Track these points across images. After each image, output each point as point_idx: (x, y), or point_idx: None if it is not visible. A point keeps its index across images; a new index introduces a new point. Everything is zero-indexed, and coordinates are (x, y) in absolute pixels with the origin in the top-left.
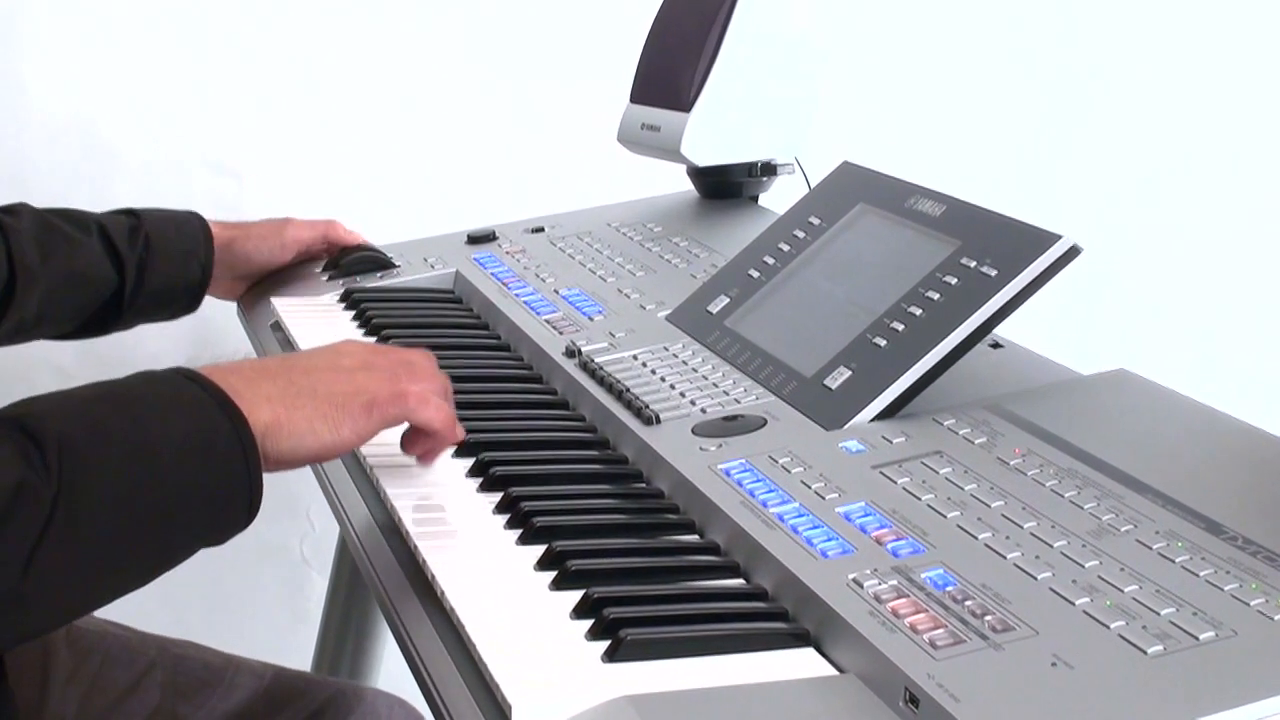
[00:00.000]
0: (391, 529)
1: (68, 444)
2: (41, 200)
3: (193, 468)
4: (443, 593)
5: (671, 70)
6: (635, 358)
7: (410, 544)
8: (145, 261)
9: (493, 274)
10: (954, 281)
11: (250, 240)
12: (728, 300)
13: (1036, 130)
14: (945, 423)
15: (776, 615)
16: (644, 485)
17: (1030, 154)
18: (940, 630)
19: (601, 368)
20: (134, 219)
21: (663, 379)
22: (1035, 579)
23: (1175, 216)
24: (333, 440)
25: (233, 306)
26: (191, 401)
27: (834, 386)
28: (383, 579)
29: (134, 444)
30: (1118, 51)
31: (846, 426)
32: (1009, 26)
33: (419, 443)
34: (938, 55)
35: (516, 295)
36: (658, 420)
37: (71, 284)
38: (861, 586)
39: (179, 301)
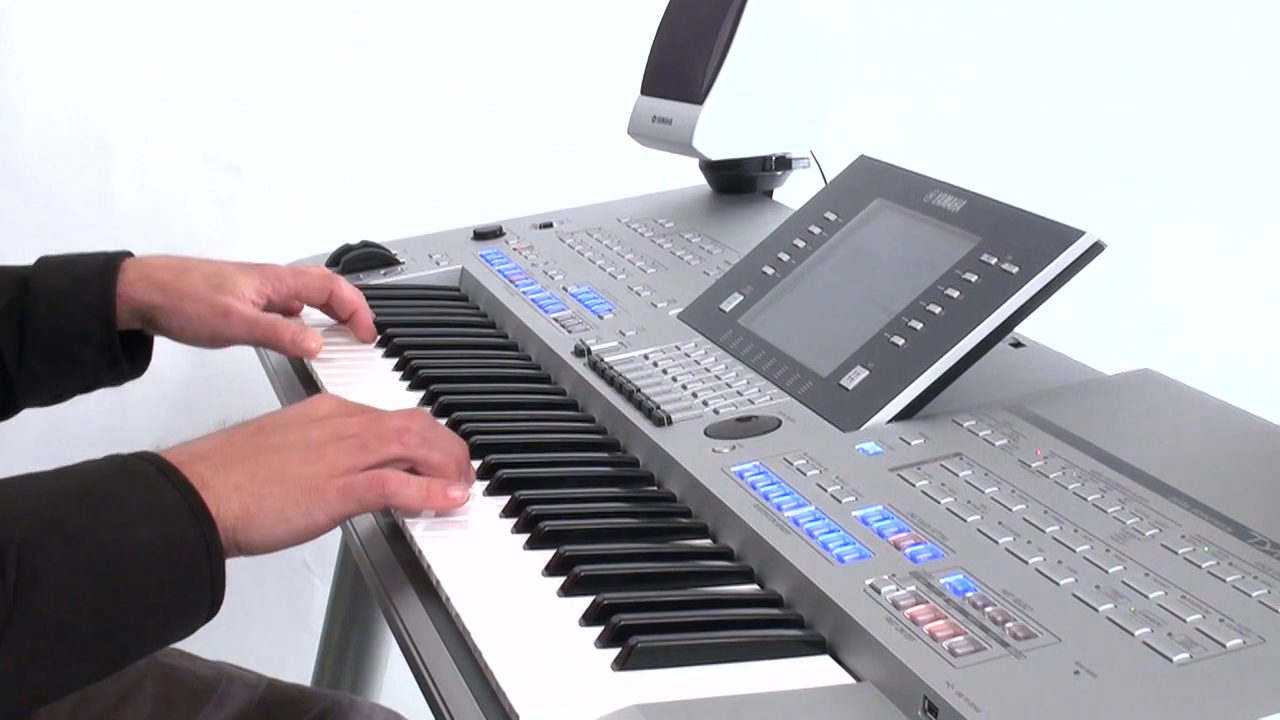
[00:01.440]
0: (395, 533)
1: (27, 551)
2: (38, 197)
3: (156, 572)
4: (448, 599)
5: (683, 61)
6: (646, 357)
7: (415, 549)
8: (27, 315)
9: (499, 271)
10: (974, 279)
11: (175, 318)
12: (741, 298)
13: (1059, 122)
14: (965, 424)
15: (791, 622)
16: (655, 488)
17: (1053, 147)
18: (960, 637)
19: (611, 367)
20: (27, 267)
21: (674, 379)
22: (1057, 585)
23: (1202, 211)
24: (306, 525)
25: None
26: (160, 502)
27: (851, 387)
28: (386, 584)
29: (98, 548)
30: (1143, 42)
31: (863, 428)
32: (1030, 15)
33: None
34: (957, 45)
35: (524, 293)
36: (669, 421)
37: None
38: (879, 592)
39: (84, 356)
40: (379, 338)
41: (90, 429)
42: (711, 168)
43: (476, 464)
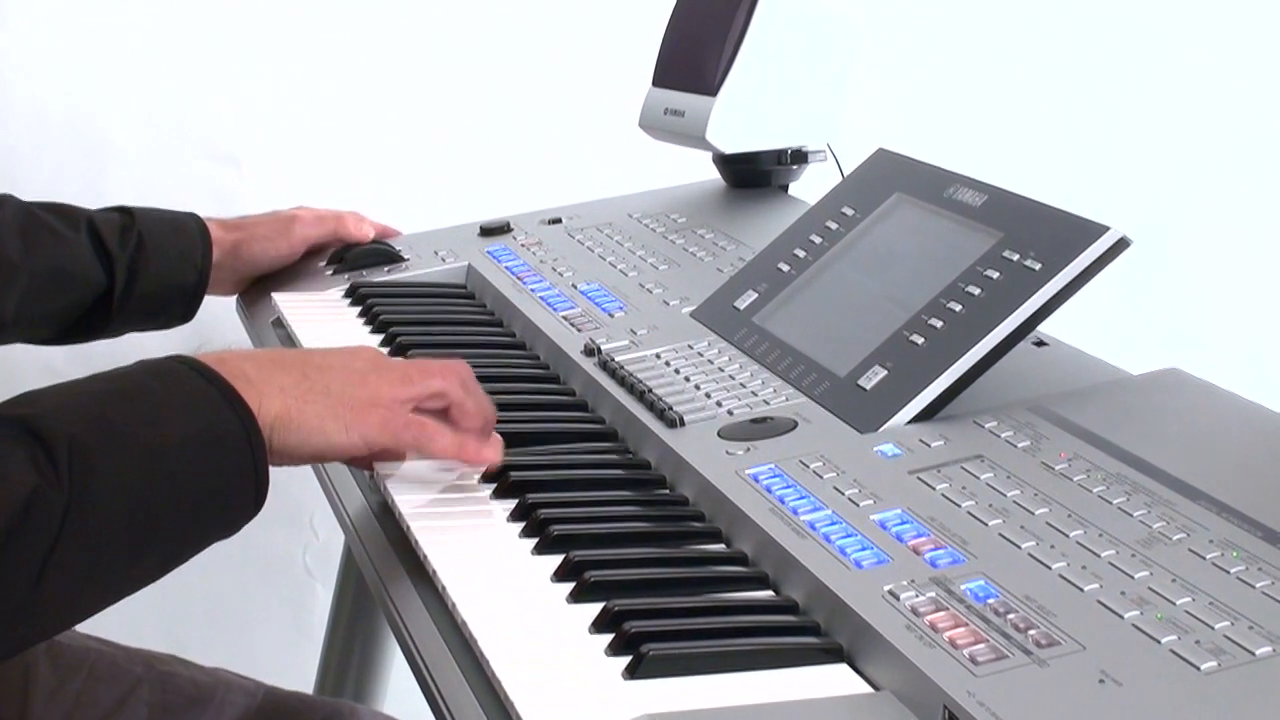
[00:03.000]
0: (399, 538)
1: (78, 448)
2: (30, 192)
3: (201, 466)
4: (454, 605)
5: (696, 51)
6: (658, 356)
7: (419, 554)
8: (137, 263)
9: (507, 268)
10: (996, 275)
11: (256, 242)
12: (756, 295)
13: (1083, 114)
14: (986, 425)
15: (808, 629)
16: (667, 491)
17: (1076, 139)
18: (981, 645)
19: (622, 367)
20: (127, 217)
21: (687, 379)
22: (1082, 591)
23: (1230, 206)
24: (342, 442)
25: (231, 302)
26: (199, 397)
27: (868, 387)
28: (390, 589)
29: (143, 445)
30: (1170, 32)
31: (882, 429)
32: (1053, 4)
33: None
34: (977, 36)
35: (532, 290)
36: (682, 422)
37: (55, 282)
38: (898, 599)
39: (172, 309)
40: (383, 337)
41: None
42: (725, 161)
43: (483, 467)
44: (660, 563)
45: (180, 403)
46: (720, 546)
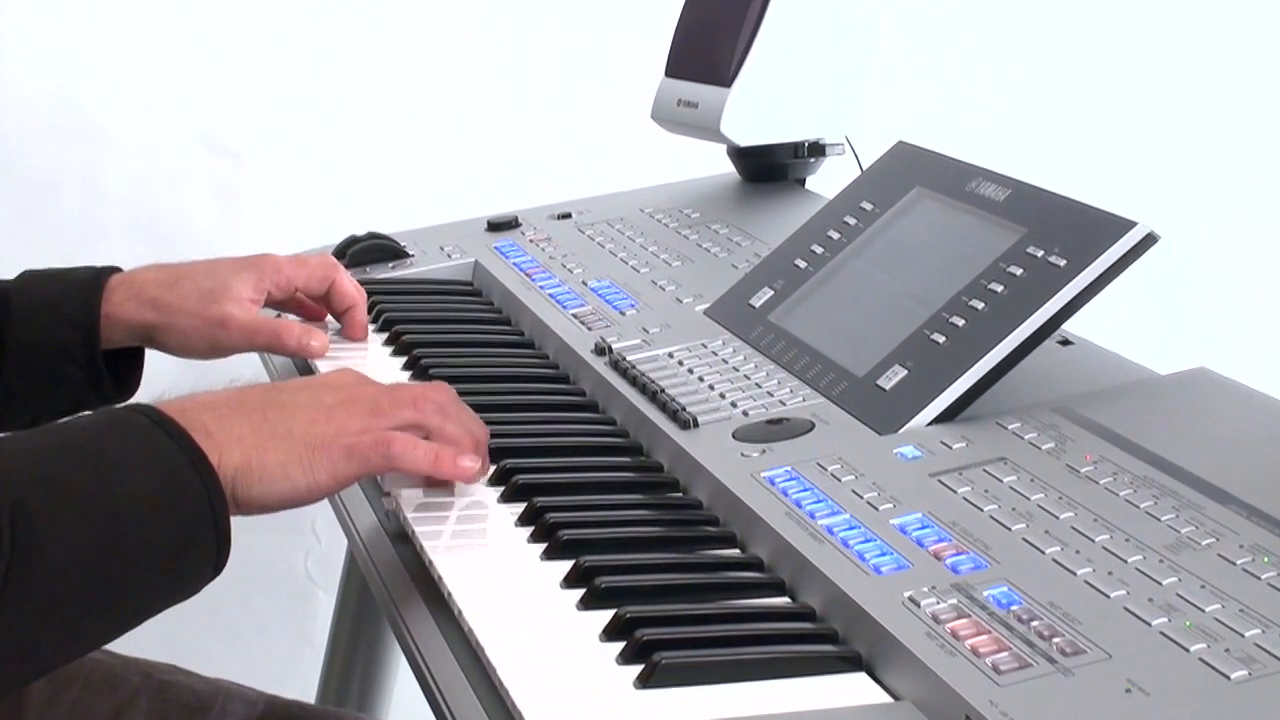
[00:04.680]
0: (404, 543)
1: (22, 511)
2: (23, 186)
3: (158, 527)
4: (460, 612)
5: (711, 41)
6: (670, 356)
7: (424, 559)
8: (1, 321)
9: (515, 264)
10: (1019, 272)
11: (171, 334)
12: (772, 293)
13: (1110, 104)
14: (1010, 427)
15: (825, 637)
16: (680, 495)
17: (1103, 131)
18: (1004, 653)
19: (634, 366)
20: (9, 281)
21: (701, 379)
22: (1108, 597)
23: (1262, 201)
24: (307, 484)
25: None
26: (158, 453)
27: (888, 387)
28: (394, 597)
29: (97, 505)
30: (1201, 21)
31: (902, 431)
32: None
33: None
34: (999, 24)
35: (541, 287)
36: (695, 424)
37: None
38: (918, 605)
39: (66, 374)
40: (387, 335)
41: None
42: (740, 154)
43: (490, 469)
44: (673, 568)
45: (138, 459)
46: (735, 551)
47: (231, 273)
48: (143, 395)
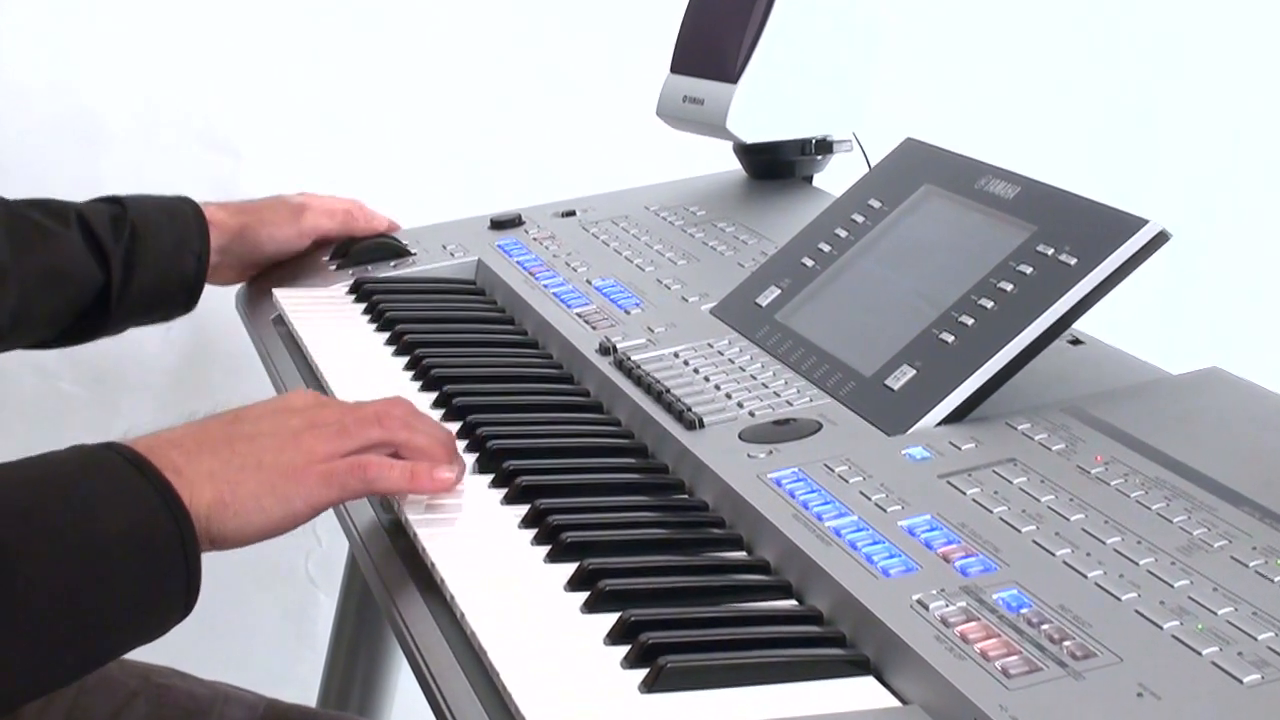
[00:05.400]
0: (406, 545)
1: None
2: (19, 181)
3: (130, 566)
4: (462, 615)
5: (716, 37)
6: (676, 355)
7: (427, 562)
8: (133, 254)
9: (518, 262)
10: (1029, 271)
11: (263, 227)
12: (779, 292)
13: (1120, 102)
14: (1019, 427)
15: (833, 640)
16: (686, 496)
17: (1114, 127)
18: (1014, 657)
19: (639, 366)
20: (117, 207)
21: (707, 379)
22: (1119, 600)
23: (1274, 198)
24: (283, 514)
25: (231, 300)
26: (131, 492)
27: (896, 387)
28: (396, 598)
29: (69, 541)
30: (1213, 17)
31: (910, 431)
32: None
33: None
34: (1009, 20)
35: (545, 286)
36: (701, 424)
37: (49, 283)
38: (927, 608)
39: (173, 300)
40: (389, 335)
41: (77, 421)
42: (746, 151)
43: (493, 471)
44: (678, 571)
45: (112, 498)
46: (741, 554)
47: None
48: (142, 389)
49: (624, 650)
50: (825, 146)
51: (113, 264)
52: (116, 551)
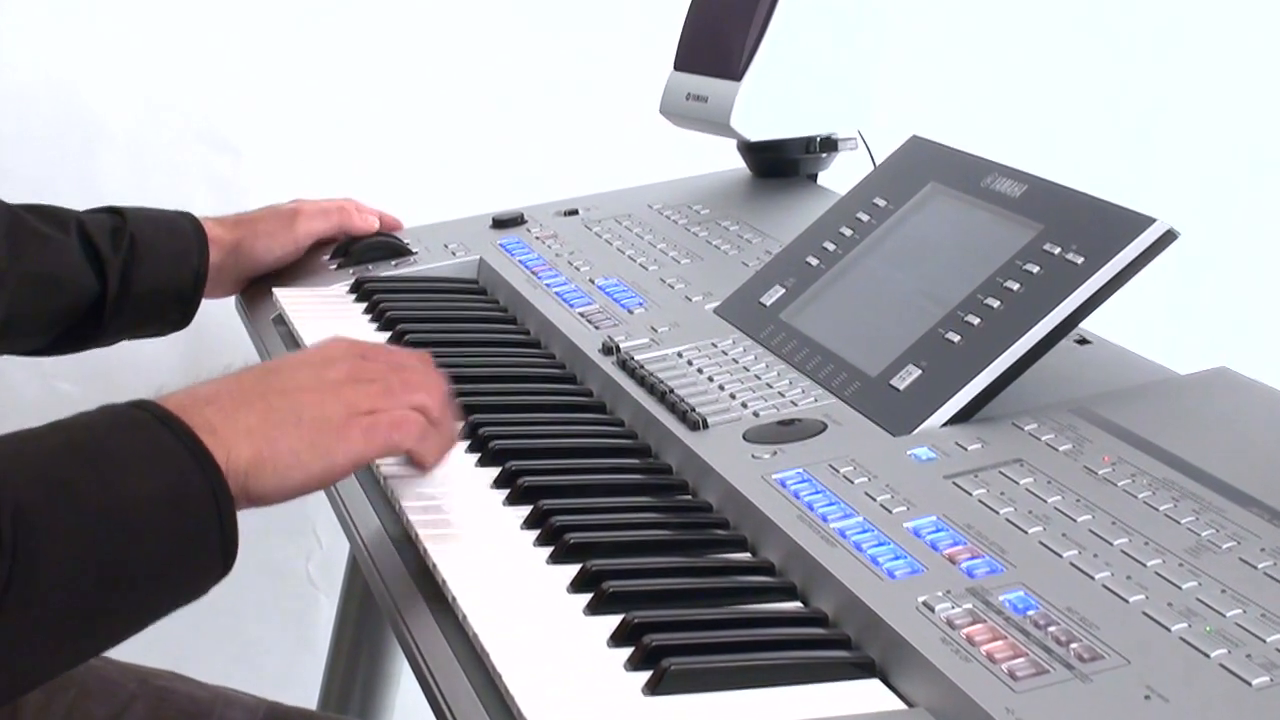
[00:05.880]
0: (407, 546)
1: (22, 514)
2: (17, 180)
3: (162, 528)
4: (465, 617)
5: (720, 33)
6: (680, 355)
7: (429, 563)
8: (130, 266)
9: (521, 262)
10: (1036, 270)
11: (258, 239)
12: (783, 291)
13: (1126, 98)
14: (1026, 427)
15: (838, 643)
16: (690, 497)
17: (1120, 126)
18: (1020, 659)
19: (642, 366)
20: (118, 218)
21: (710, 379)
22: (1126, 602)
23: None
24: (323, 469)
25: (230, 299)
26: (161, 451)
27: (902, 387)
28: (397, 601)
29: (100, 507)
30: (1221, 14)
31: (916, 432)
32: None
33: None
34: (1015, 16)
35: (547, 285)
36: (705, 425)
37: (44, 289)
38: (933, 610)
39: (168, 314)
40: (390, 334)
41: None
42: (751, 149)
43: (496, 471)
44: (682, 572)
45: (142, 458)
46: (745, 555)
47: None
48: (141, 389)
49: (627, 653)
50: (830, 144)
51: (109, 274)
52: (147, 512)
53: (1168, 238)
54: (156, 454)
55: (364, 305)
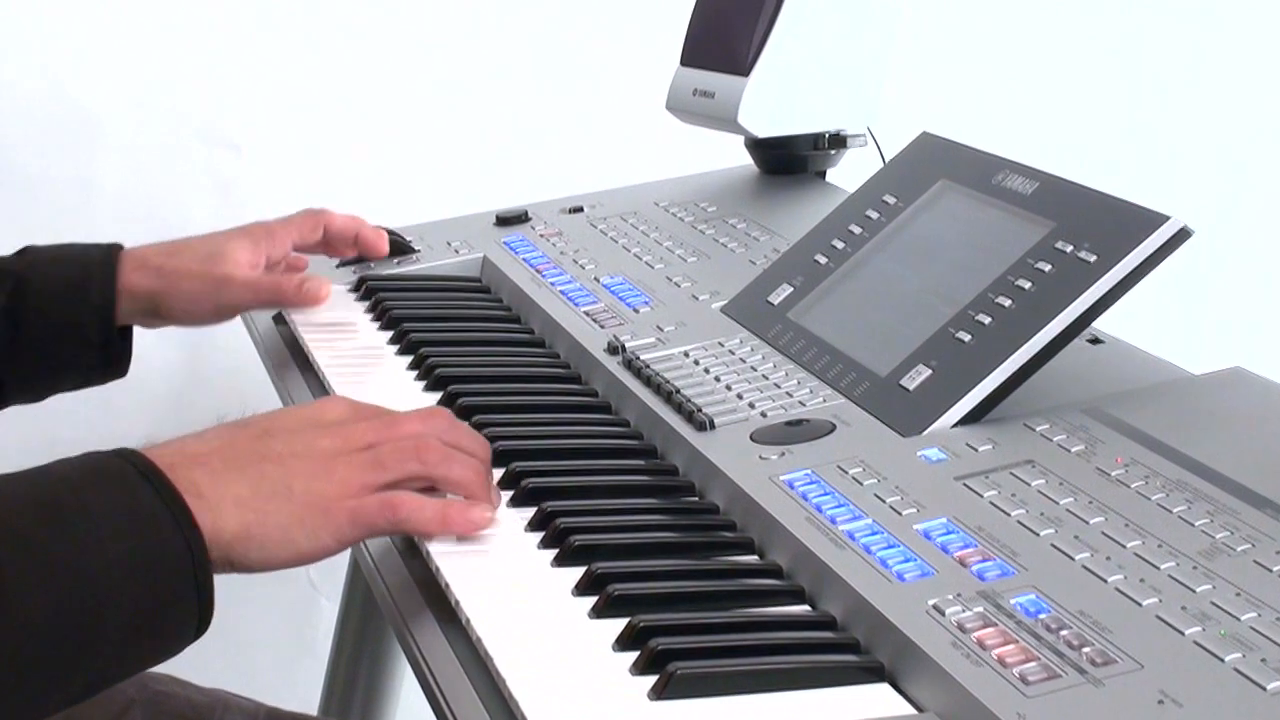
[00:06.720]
0: (409, 548)
1: None
2: (16, 181)
3: (134, 589)
4: (468, 620)
5: (728, 28)
6: (686, 355)
7: (431, 565)
8: (17, 306)
9: (525, 260)
10: (1048, 268)
11: (175, 299)
12: (791, 290)
13: (1141, 93)
14: (1038, 428)
15: (847, 646)
16: (696, 499)
17: (1134, 121)
18: (1032, 664)
19: (648, 366)
20: (12, 259)
21: (717, 379)
22: (1140, 605)
23: None
24: (310, 548)
25: None
26: (141, 510)
27: (911, 387)
28: (400, 605)
29: (69, 565)
30: (1233, 8)
31: (926, 433)
32: None
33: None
34: (1026, 12)
35: (552, 284)
36: (712, 425)
37: None
38: (943, 614)
39: (79, 358)
40: (392, 334)
41: (77, 429)
42: (758, 146)
43: (499, 472)
44: (689, 575)
45: (120, 516)
46: (753, 558)
47: (227, 239)
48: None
49: (633, 656)
50: (839, 141)
51: None
52: (119, 573)
53: (1182, 236)
54: (134, 512)
55: (366, 304)
